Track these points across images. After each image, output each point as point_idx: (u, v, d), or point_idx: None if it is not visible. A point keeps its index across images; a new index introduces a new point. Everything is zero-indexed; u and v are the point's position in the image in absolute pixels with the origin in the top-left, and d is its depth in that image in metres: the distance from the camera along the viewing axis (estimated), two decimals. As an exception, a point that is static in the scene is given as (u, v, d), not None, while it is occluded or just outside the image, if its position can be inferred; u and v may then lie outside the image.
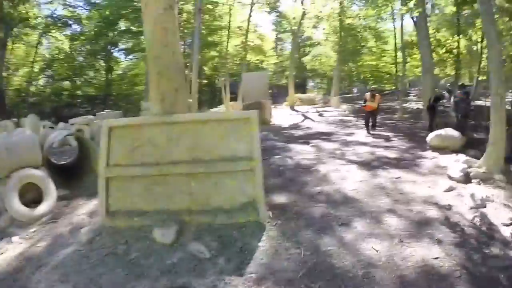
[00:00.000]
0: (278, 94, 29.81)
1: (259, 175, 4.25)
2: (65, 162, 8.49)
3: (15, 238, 4.69)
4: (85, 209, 5.49)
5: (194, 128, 4.45)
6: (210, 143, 4.38)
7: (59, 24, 28.94)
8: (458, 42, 20.62)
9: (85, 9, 29.91)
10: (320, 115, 18.52)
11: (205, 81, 33.58)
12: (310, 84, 44.33)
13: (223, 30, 27.67)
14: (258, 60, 32.43)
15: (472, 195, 5.09)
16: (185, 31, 24.87)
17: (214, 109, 27.09)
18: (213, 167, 4.30)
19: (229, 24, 25.81)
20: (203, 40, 23.79)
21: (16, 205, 5.21)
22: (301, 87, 36.93)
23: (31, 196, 5.65)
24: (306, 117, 17.42)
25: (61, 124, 14.96)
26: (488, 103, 9.52)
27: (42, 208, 5.42)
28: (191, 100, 17.99)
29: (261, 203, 4.22)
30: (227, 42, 25.82)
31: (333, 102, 23.41)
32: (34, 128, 11.86)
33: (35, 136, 6.41)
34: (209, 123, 4.50)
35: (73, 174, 7.33)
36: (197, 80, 15.89)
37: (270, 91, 17.41)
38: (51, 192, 5.62)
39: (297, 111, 21.28)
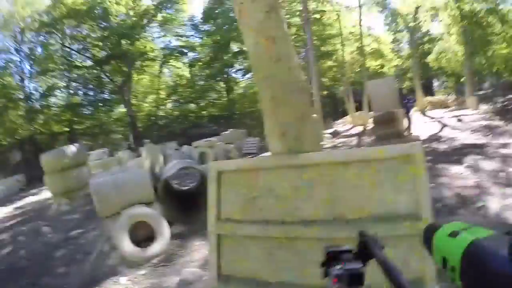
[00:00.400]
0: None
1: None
2: (186, 188, 8.53)
3: (122, 279, 4.62)
4: (199, 255, 5.11)
5: (331, 173, 3.01)
6: (355, 195, 2.93)
7: (176, 54, 31.45)
8: None
9: (197, 37, 32.20)
10: (459, 120, 15.78)
11: (325, 92, 33.38)
12: (435, 84, 39.71)
13: (335, 38, 26.65)
14: (377, 65, 30.60)
15: None
16: (296, 44, 24.81)
17: (339, 121, 26.80)
18: (361, 231, 2.94)
19: (341, 31, 25.05)
20: (316, 51, 23.48)
21: (126, 245, 5.08)
22: (426, 89, 33.20)
23: (144, 233, 5.48)
24: (443, 124, 15.05)
25: (185, 147, 15.84)
26: None
27: (153, 249, 5.21)
28: (315, 116, 17.88)
29: (433, 283, 2.70)
30: (342, 50, 25.07)
31: (469, 103, 19.90)
32: (153, 157, 11.77)
33: (146, 173, 6.28)
34: (352, 165, 2.98)
35: (195, 201, 6.96)
36: (319, 94, 15.59)
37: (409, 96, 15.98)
38: (163, 231, 5.36)
39: (430, 117, 18.78)
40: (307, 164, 3.17)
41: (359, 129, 17.83)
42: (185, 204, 7.18)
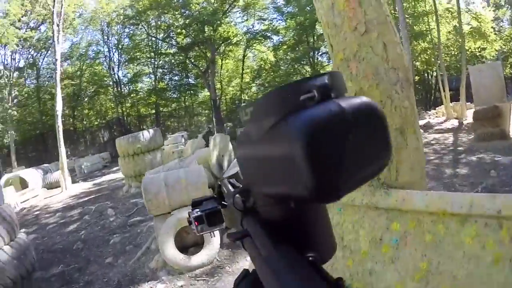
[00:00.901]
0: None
1: None
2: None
3: (160, 286, 4.44)
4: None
5: (437, 229, 1.85)
6: (470, 271, 1.67)
7: (259, 38, 31.03)
8: None
9: (280, 20, 31.14)
10: None
11: (417, 77, 30.87)
12: None
13: (429, 16, 23.57)
14: (477, 47, 26.57)
15: None
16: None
17: (432, 111, 24.19)
18: None
19: (435, 7, 22.14)
20: (408, 30, 21.26)
21: (170, 249, 4.78)
22: None
23: (193, 239, 5.25)
24: None
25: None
26: None
27: (198, 258, 4.84)
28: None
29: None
30: (438, 30, 22.13)
31: None
32: (222, 149, 10.78)
33: (201, 171, 5.62)
34: (477, 223, 1.72)
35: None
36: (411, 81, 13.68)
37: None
38: (213, 240, 4.90)
39: None
40: (401, 208, 2.03)
41: (454, 123, 15.44)
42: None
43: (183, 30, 28.62)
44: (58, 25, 16.61)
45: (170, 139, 18.57)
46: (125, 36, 31.95)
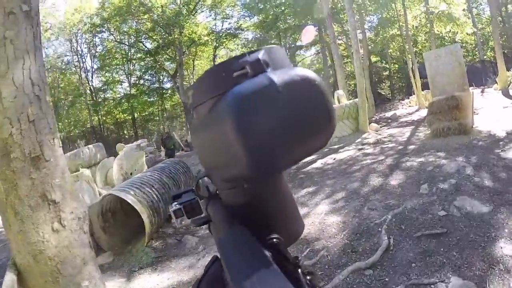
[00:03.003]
0: (482, 72, 22.72)
1: None
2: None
3: None
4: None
5: None
6: None
7: (227, 36, 29.60)
8: None
9: (248, 16, 29.64)
10: None
11: (396, 65, 29.38)
12: None
13: (397, 1, 22.12)
14: (449, 31, 24.62)
15: None
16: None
17: (405, 101, 22.80)
18: None
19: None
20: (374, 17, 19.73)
21: None
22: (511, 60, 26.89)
23: None
24: None
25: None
26: None
27: None
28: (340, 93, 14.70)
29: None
30: (405, 14, 20.39)
31: None
32: (131, 164, 10.88)
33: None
34: None
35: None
36: (360, 69, 12.18)
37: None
38: None
39: None
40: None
41: (424, 113, 13.88)
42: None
43: (150, 34, 27.71)
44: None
45: (123, 150, 17.06)
46: (95, 44, 31.00)
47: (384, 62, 30.11)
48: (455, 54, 10.54)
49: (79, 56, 30.98)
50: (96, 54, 31.11)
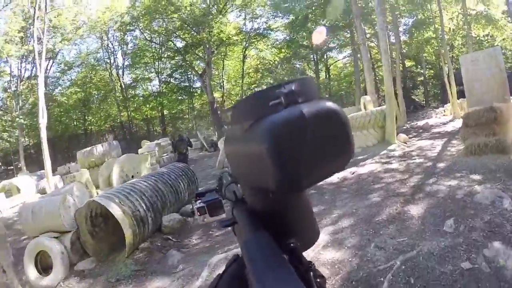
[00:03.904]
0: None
1: None
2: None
3: None
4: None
5: None
6: None
7: (256, 37, 28.99)
8: None
9: (277, 16, 28.75)
10: None
11: (431, 71, 27.63)
12: None
13: (432, 2, 20.29)
14: (487, 35, 22.62)
15: None
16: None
17: (440, 109, 21.20)
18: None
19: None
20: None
21: (30, 271, 5.35)
22: None
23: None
24: None
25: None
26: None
27: (47, 279, 5.26)
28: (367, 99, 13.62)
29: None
30: (440, 16, 18.74)
31: None
32: (130, 169, 10.55)
33: (57, 200, 5.77)
34: None
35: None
36: (389, 72, 11.07)
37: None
38: (60, 263, 5.31)
39: None
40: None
41: (459, 124, 12.50)
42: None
43: (178, 33, 27.60)
44: (40, 39, 16.01)
45: (144, 147, 16.72)
46: (125, 42, 31.39)
47: (419, 67, 28.28)
48: (495, 58, 9.22)
49: (109, 53, 31.38)
50: (127, 51, 31.54)
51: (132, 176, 9.90)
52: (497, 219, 4.16)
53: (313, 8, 24.13)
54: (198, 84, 31.36)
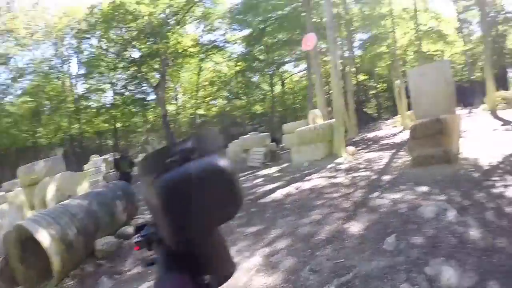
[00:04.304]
0: (470, 92, 21.76)
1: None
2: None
3: None
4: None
5: None
6: None
7: (213, 49, 28.56)
8: None
9: (235, 30, 28.69)
10: None
11: (384, 85, 28.48)
12: (510, 74, 30.89)
13: (386, 18, 21.06)
14: (438, 50, 23.64)
15: None
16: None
17: (390, 121, 21.67)
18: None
19: (390, 7, 19.46)
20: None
21: None
22: (500, 81, 25.61)
23: None
24: None
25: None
26: None
27: None
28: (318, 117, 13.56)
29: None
30: (393, 31, 19.24)
31: None
32: (67, 189, 9.74)
33: None
34: None
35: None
36: (338, 86, 11.00)
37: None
38: None
39: (503, 120, 12.52)
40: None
41: (408, 134, 12.61)
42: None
43: (136, 43, 26.58)
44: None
45: (90, 163, 15.63)
46: (81, 50, 29.86)
47: (372, 80, 29.13)
48: (443, 71, 9.29)
49: (63, 61, 30.00)
50: (83, 60, 30.07)
51: (69, 196, 9.12)
52: (441, 233, 3.89)
53: (270, 22, 24.16)
54: (152, 97, 30.34)
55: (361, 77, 28.96)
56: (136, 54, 27.95)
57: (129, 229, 6.53)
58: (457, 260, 3.32)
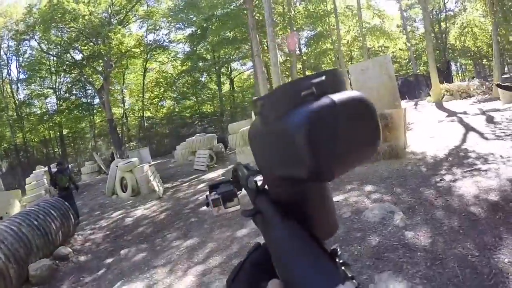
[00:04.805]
0: (416, 85, 22.51)
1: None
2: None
3: None
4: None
5: None
6: None
7: (157, 49, 27.70)
8: None
9: (179, 29, 27.83)
10: (489, 118, 9.77)
11: None
12: (453, 68, 32.30)
13: (331, 16, 21.14)
14: (382, 46, 24.17)
15: None
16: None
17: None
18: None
19: (334, 5, 19.60)
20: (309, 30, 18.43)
21: None
22: (443, 74, 26.86)
23: None
24: (468, 127, 9.05)
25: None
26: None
27: None
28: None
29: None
30: (336, 29, 19.31)
31: (500, 94, 12.75)
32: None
33: None
34: None
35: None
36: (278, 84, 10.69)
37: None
38: None
39: (448, 111, 12.70)
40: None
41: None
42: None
43: (75, 45, 24.81)
44: None
45: (32, 176, 14.20)
46: (20, 53, 27.62)
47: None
48: (385, 66, 9.12)
49: (2, 66, 27.44)
50: (23, 63, 27.62)
51: (1, 218, 8.10)
52: (387, 241, 3.47)
53: (213, 20, 23.59)
54: (97, 100, 28.29)
55: (308, 73, 29.00)
56: (78, 56, 26.20)
57: (65, 250, 6.05)
58: (406, 273, 2.88)
